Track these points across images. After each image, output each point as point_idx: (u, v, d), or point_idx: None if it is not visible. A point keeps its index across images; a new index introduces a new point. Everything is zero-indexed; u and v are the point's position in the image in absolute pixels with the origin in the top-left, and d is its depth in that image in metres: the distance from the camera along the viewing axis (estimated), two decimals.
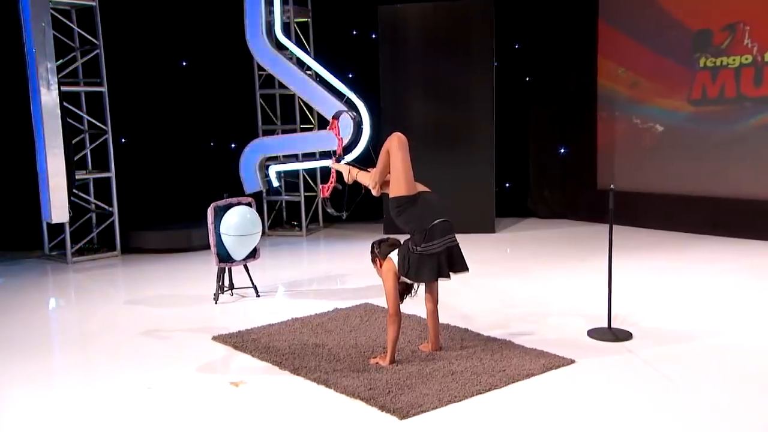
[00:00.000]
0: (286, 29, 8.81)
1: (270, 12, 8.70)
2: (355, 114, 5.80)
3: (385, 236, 4.70)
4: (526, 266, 7.12)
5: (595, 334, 4.88)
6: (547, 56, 9.60)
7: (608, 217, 4.87)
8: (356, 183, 4.85)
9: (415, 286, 4.55)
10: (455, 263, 4.35)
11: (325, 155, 8.86)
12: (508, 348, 4.63)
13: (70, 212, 7.56)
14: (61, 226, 7.79)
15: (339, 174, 5.02)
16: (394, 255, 4.41)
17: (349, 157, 8.31)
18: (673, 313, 5.43)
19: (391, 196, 4.38)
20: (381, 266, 4.46)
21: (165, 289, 6.57)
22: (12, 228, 8.36)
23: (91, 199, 8.22)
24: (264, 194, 9.14)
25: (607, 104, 9.34)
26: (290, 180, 9.29)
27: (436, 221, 4.27)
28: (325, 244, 8.71)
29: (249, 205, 6.06)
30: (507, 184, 9.96)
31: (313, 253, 8.33)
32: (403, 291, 4.54)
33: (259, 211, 9.13)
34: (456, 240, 4.37)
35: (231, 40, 8.85)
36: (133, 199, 8.61)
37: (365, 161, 5.58)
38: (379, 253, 4.51)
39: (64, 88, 7.64)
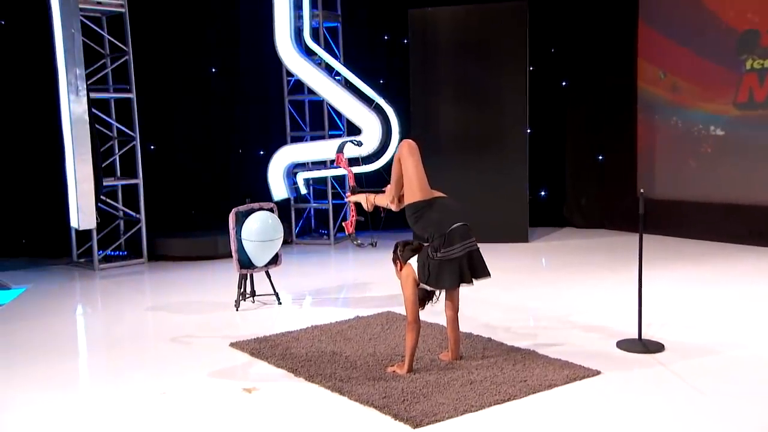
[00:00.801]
0: (315, 34, 8.90)
1: (299, 17, 8.81)
2: (358, 140, 5.84)
3: (411, 240, 4.69)
4: (557, 276, 7.04)
5: (624, 345, 4.81)
6: (584, 60, 9.50)
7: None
8: (376, 209, 4.89)
9: (437, 293, 4.54)
10: (477, 269, 4.33)
11: (354, 162, 8.87)
12: (531, 358, 4.58)
13: (97, 219, 7.73)
14: (88, 232, 7.97)
15: (358, 206, 5.07)
16: (414, 261, 4.41)
17: (378, 165, 8.35)
18: (710, 324, 5.31)
19: (406, 203, 4.39)
20: (401, 269, 4.46)
21: (188, 296, 6.68)
22: (41, 235, 8.58)
23: (119, 206, 8.39)
24: (292, 202, 9.21)
25: (647, 109, 9.19)
26: (318, 187, 9.35)
27: (454, 225, 4.26)
28: (353, 252, 8.73)
29: (271, 210, 6.12)
30: (542, 193, 9.88)
31: (340, 262, 8.36)
32: (424, 298, 4.53)
33: (287, 220, 9.29)
34: (476, 244, 4.35)
35: (260, 46, 8.98)
36: (161, 206, 8.77)
37: (380, 182, 5.55)
38: (401, 255, 4.51)
39: (93, 95, 7.84)
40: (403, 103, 8.84)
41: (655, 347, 4.75)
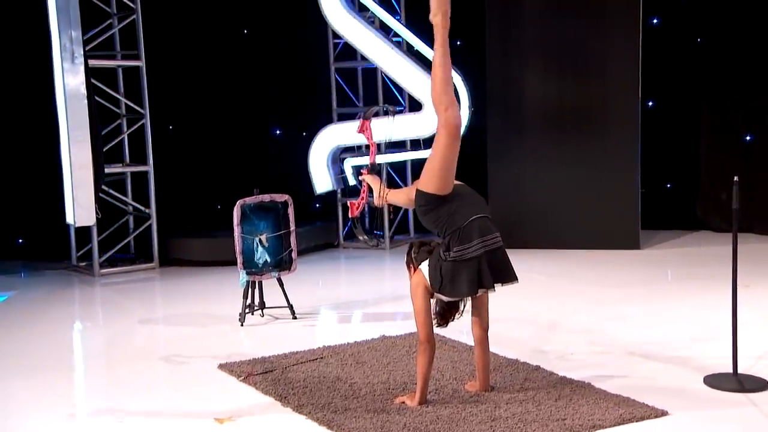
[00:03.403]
0: None
1: None
2: (396, 108, 5.96)
3: (429, 239, 4.78)
4: (659, 293, 7.00)
5: (713, 380, 4.75)
6: (726, 8, 9.28)
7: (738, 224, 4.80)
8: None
9: (461, 306, 4.63)
10: (500, 271, 4.39)
11: (416, 145, 9.08)
12: (582, 393, 4.60)
13: (97, 214, 8.21)
14: (88, 231, 8.47)
15: (370, 191, 5.22)
16: (426, 266, 4.52)
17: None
18: None
19: (419, 188, 4.49)
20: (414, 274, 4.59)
21: (194, 307, 7.07)
22: (39, 233, 9.21)
23: (128, 199, 8.88)
24: (338, 196, 9.46)
25: None
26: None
27: (472, 218, 4.35)
28: None
29: (285, 203, 6.38)
30: (668, 185, 9.72)
31: (391, 270, 8.55)
32: (445, 312, 4.62)
33: (333, 218, 9.58)
34: (500, 241, 4.41)
35: (301, 2, 9.28)
36: (180, 200, 9.24)
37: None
38: (414, 257, 4.63)
39: (96, 63, 8.36)
40: (484, 70, 8.94)
41: (753, 384, 4.66)
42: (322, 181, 9.29)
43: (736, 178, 4.79)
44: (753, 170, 9.36)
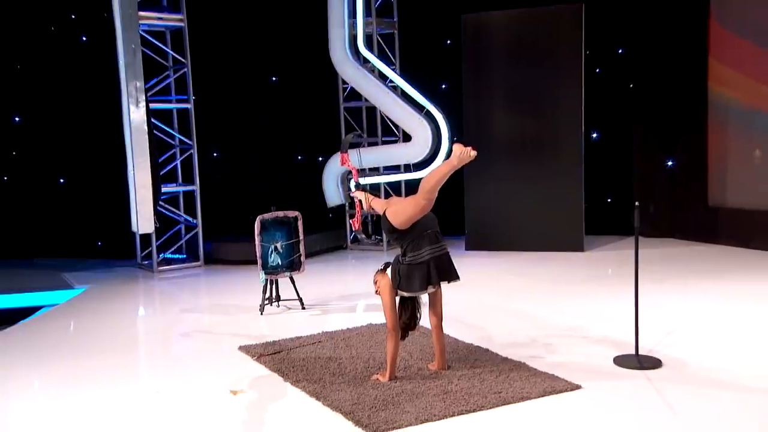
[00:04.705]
0: (368, 41, 9.23)
1: (354, 25, 9.16)
2: (358, 133, 6.11)
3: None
4: (594, 287, 7.04)
5: (620, 360, 4.85)
6: (651, 60, 9.32)
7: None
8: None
9: (418, 315, 4.73)
10: (446, 272, 4.54)
11: (408, 168, 9.19)
12: (517, 370, 4.70)
13: (156, 223, 8.40)
14: (150, 236, 8.66)
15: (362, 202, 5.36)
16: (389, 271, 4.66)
17: (425, 173, 8.59)
18: (733, 346, 5.19)
19: (386, 215, 4.60)
20: (379, 280, 4.71)
21: (225, 299, 7.20)
22: (113, 237, 9.42)
23: (180, 212, 9.07)
24: (347, 208, 9.60)
25: (720, 112, 8.90)
26: (373, 193, 9.66)
27: (423, 232, 4.49)
28: None
29: (296, 217, 6.51)
30: (609, 199, 9.77)
31: None
32: (406, 328, 4.71)
33: (343, 226, 9.72)
34: (445, 248, 4.55)
35: (317, 55, 9.42)
36: (223, 212, 9.42)
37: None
38: (382, 269, 4.75)
39: (156, 106, 8.57)
40: (461, 108, 9.04)
41: (651, 363, 4.76)
42: (333, 196, 9.42)
43: (636, 203, 4.87)
44: (674, 188, 9.40)
